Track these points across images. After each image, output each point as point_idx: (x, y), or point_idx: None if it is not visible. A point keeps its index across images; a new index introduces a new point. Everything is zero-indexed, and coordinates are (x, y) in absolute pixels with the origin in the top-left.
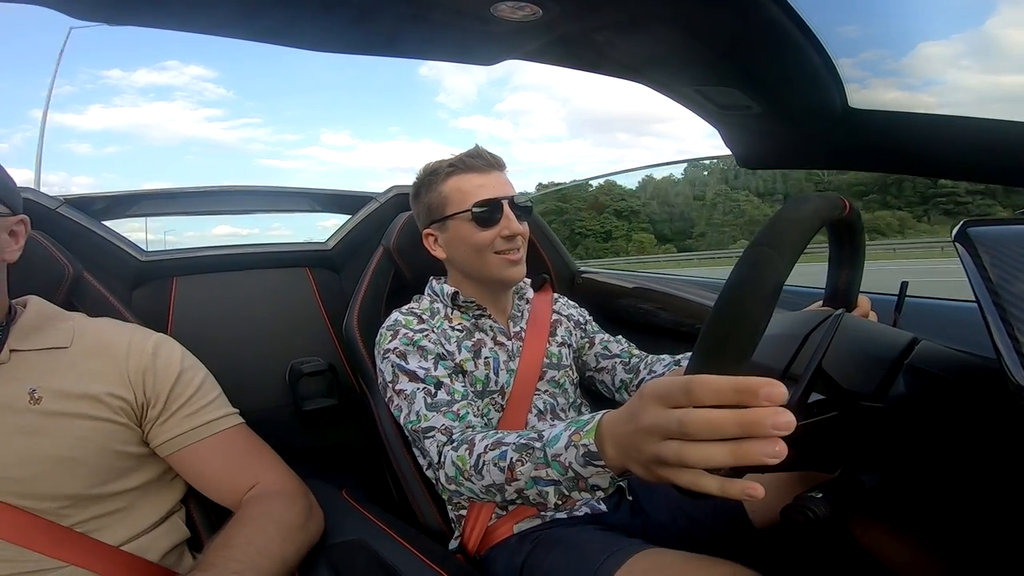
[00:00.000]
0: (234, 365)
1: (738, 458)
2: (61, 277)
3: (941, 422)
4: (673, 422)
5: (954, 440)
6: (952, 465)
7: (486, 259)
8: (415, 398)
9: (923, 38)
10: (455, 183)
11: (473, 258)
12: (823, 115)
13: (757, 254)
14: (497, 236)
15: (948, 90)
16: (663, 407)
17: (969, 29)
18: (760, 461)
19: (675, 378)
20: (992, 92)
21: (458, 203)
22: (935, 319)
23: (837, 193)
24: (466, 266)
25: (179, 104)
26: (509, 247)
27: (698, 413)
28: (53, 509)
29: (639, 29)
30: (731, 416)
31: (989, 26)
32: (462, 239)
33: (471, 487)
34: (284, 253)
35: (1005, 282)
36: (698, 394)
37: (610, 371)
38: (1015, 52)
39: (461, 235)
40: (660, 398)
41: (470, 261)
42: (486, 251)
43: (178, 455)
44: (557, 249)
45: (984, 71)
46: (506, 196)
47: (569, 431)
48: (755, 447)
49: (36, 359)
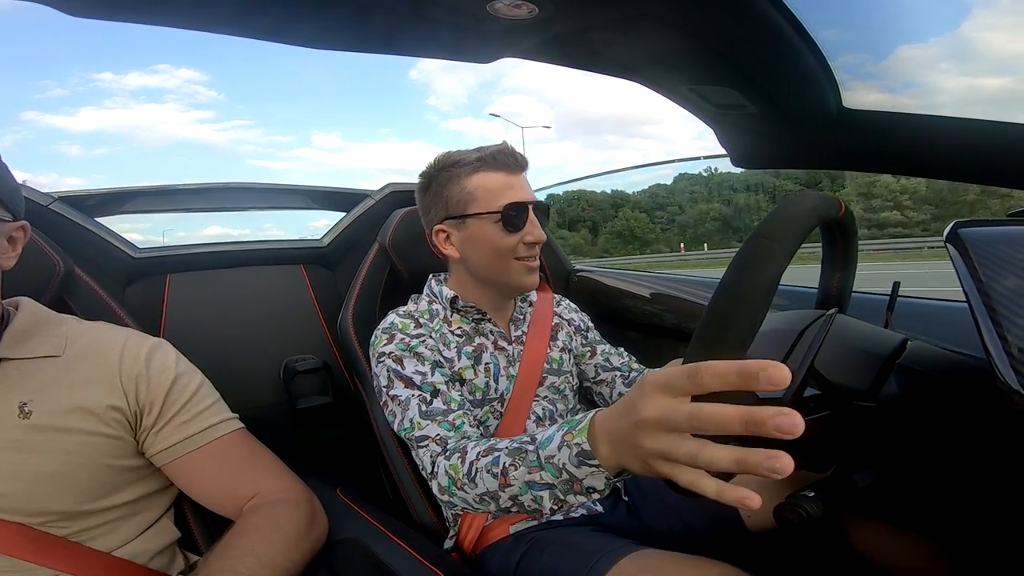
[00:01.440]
0: (228, 363)
1: (742, 465)
2: (51, 273)
3: (932, 421)
4: (683, 415)
5: (945, 439)
6: (943, 464)
7: (508, 264)
8: (409, 405)
9: (902, 41)
10: (481, 180)
11: (493, 262)
12: (818, 115)
13: (757, 245)
14: (520, 242)
15: (928, 92)
16: (668, 397)
17: (946, 32)
18: (761, 474)
19: (677, 367)
20: (972, 95)
21: (485, 202)
22: (927, 319)
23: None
24: (481, 269)
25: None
26: (530, 254)
27: (709, 408)
28: (42, 524)
29: (635, 28)
30: (738, 413)
31: (965, 29)
32: (484, 240)
33: (464, 496)
34: (279, 250)
35: (994, 282)
36: (703, 379)
37: (609, 384)
38: (991, 55)
39: (484, 236)
40: (665, 388)
41: (488, 264)
42: (507, 256)
43: (175, 464)
44: (552, 247)
45: (963, 74)
46: (533, 201)
47: (561, 431)
48: (759, 458)
49: (28, 368)
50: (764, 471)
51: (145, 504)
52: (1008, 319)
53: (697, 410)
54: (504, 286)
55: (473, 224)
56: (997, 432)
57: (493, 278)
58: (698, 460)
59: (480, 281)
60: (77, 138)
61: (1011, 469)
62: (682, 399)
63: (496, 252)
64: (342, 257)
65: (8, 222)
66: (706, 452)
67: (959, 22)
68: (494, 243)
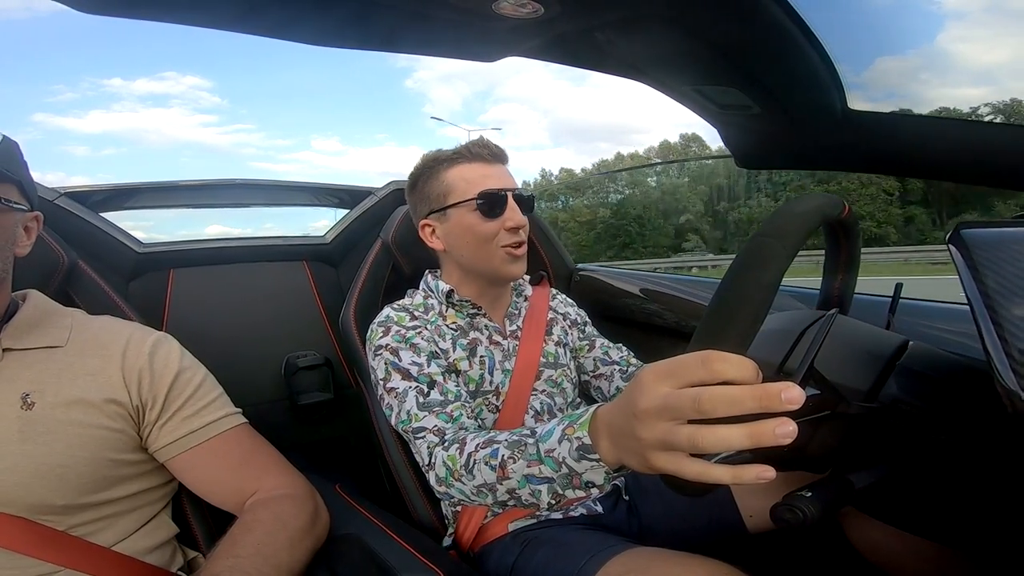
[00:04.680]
0: (230, 358)
1: (755, 439)
2: (56, 267)
3: (932, 423)
4: (687, 400)
5: (945, 441)
6: (943, 465)
7: (490, 252)
8: (407, 397)
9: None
10: (459, 172)
11: (476, 250)
12: (822, 116)
13: (761, 243)
14: (501, 228)
15: (909, 103)
16: (672, 386)
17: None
18: (775, 441)
19: (682, 356)
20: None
21: (462, 192)
22: (929, 321)
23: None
24: (466, 259)
25: (175, 111)
26: (513, 240)
27: (718, 388)
28: (42, 517)
29: (640, 28)
30: (749, 390)
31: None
32: (465, 229)
33: (461, 488)
34: (282, 246)
35: (997, 284)
36: (718, 367)
37: (608, 377)
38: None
39: (464, 225)
40: (668, 376)
41: (472, 254)
42: (490, 243)
43: (178, 459)
44: (555, 246)
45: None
46: (511, 188)
47: (562, 425)
48: (769, 426)
49: (31, 359)
50: (777, 438)
51: (145, 499)
52: (1009, 321)
53: (702, 391)
54: (490, 275)
55: (454, 214)
56: (997, 434)
57: (478, 267)
58: (703, 443)
59: (468, 273)
60: (85, 139)
61: (1010, 471)
62: (685, 387)
63: (478, 240)
64: (345, 254)
65: (26, 211)
66: (714, 433)
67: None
68: (475, 231)
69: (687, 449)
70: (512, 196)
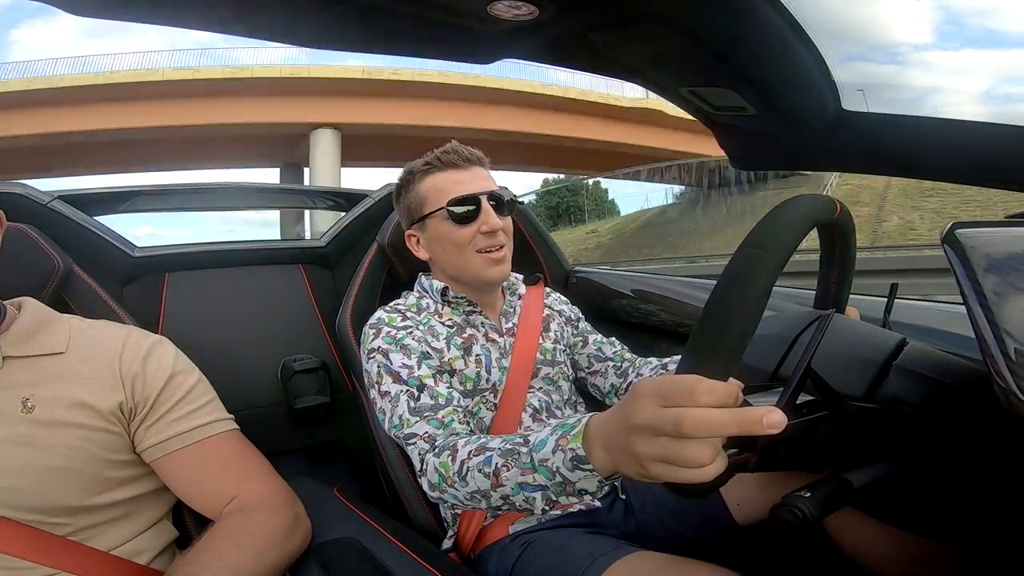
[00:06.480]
0: (226, 362)
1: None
2: (51, 272)
3: (929, 423)
4: (669, 420)
5: (942, 441)
6: (940, 465)
7: (468, 258)
8: (398, 401)
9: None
10: (431, 181)
11: (454, 257)
12: (817, 117)
13: (748, 255)
14: (476, 233)
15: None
16: (660, 405)
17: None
18: (763, 430)
19: (674, 377)
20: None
21: (434, 201)
22: (925, 321)
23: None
24: (448, 266)
25: None
26: (490, 244)
27: (697, 411)
28: (45, 520)
29: (635, 30)
30: (730, 414)
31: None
32: (441, 238)
33: (455, 494)
34: (278, 250)
35: (993, 284)
36: (701, 397)
37: (602, 374)
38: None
39: (440, 234)
40: (659, 396)
41: (451, 261)
42: (467, 249)
43: (161, 461)
44: (551, 248)
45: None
46: (485, 191)
47: (556, 435)
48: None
49: (30, 365)
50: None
51: (144, 503)
52: (1006, 320)
53: (682, 413)
54: (472, 280)
55: (430, 224)
56: (994, 434)
57: (460, 274)
58: (674, 455)
59: (454, 280)
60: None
61: (1007, 471)
62: (671, 407)
63: (455, 247)
64: (341, 257)
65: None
66: (689, 447)
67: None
68: (450, 238)
69: (672, 433)
70: (486, 199)
